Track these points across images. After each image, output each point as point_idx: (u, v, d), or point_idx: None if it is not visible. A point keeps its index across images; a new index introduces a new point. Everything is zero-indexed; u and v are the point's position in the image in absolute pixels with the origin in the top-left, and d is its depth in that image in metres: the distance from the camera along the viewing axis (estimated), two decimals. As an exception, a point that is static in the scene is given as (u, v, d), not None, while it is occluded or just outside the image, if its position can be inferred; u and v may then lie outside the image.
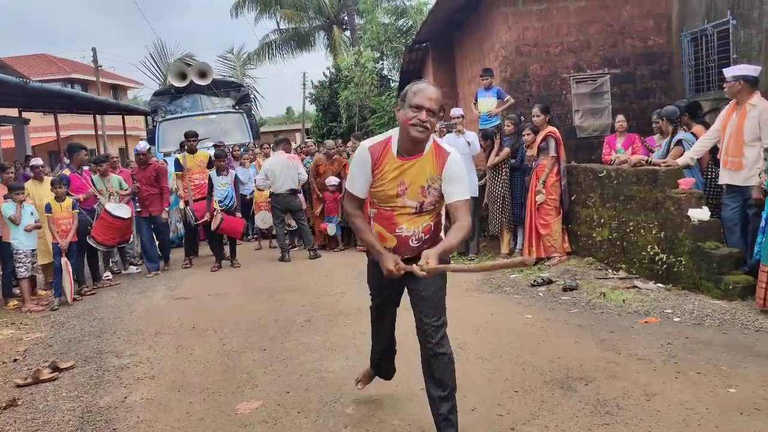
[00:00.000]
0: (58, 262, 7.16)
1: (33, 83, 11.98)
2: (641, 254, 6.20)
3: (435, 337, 3.13)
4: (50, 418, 3.95)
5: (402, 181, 3.03)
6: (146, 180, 8.69)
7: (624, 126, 7.71)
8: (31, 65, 27.33)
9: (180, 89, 14.59)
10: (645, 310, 5.24)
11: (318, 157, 10.23)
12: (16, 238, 7.04)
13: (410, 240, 3.14)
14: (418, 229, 3.12)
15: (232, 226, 8.74)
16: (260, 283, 7.59)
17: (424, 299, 3.15)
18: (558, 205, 7.27)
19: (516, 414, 3.48)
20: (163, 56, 29.28)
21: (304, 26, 28.46)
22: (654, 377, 3.81)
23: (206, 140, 11.95)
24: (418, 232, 3.13)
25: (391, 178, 3.04)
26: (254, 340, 5.23)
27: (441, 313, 3.19)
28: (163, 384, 4.39)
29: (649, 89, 9.54)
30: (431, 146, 3.04)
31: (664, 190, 5.83)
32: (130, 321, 6.24)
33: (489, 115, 8.82)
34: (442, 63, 13.64)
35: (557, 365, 4.14)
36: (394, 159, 3.03)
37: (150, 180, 8.68)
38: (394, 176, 3.03)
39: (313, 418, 3.63)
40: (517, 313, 5.50)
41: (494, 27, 9.66)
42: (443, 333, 3.16)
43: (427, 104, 2.91)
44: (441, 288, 3.20)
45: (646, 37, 9.45)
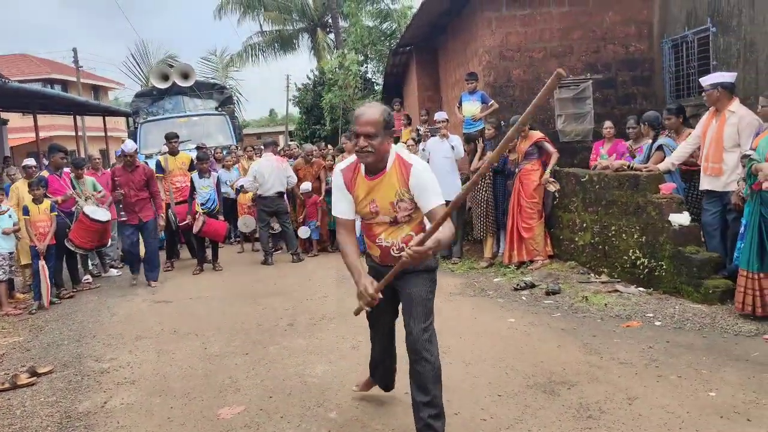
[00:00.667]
0: (36, 265, 7.06)
1: (12, 83, 11.81)
2: (623, 258, 6.25)
3: (420, 341, 3.12)
4: (28, 423, 3.88)
5: (373, 199, 3.14)
6: (135, 184, 7.85)
7: (611, 132, 7.76)
8: (11, 65, 26.93)
9: (162, 91, 14.46)
10: (626, 314, 5.28)
11: (297, 161, 10.15)
12: None
13: (391, 250, 3.22)
14: (397, 240, 3.20)
15: (214, 229, 8.67)
16: (243, 287, 7.54)
17: (412, 301, 3.18)
18: (540, 208, 7.32)
19: (499, 418, 3.48)
20: (145, 57, 29.08)
21: (287, 28, 28.36)
22: (636, 381, 3.84)
23: (188, 142, 11.87)
24: (398, 242, 3.20)
25: (363, 197, 3.17)
26: (237, 345, 5.19)
27: (427, 317, 3.20)
28: (143, 389, 4.34)
29: (630, 95, 9.64)
30: (394, 160, 3.12)
31: (646, 195, 5.89)
32: (110, 325, 6.17)
33: (473, 119, 8.85)
34: (425, 66, 13.69)
35: (540, 369, 4.16)
36: (364, 179, 3.16)
37: (139, 184, 7.87)
38: (365, 195, 3.16)
39: (296, 422, 3.61)
40: (500, 317, 5.52)
41: (478, 31, 9.71)
42: (429, 337, 3.15)
43: (362, 130, 3.01)
44: (429, 292, 3.23)
45: (627, 44, 9.55)
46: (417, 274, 3.21)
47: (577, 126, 9.54)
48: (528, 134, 7.35)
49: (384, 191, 3.11)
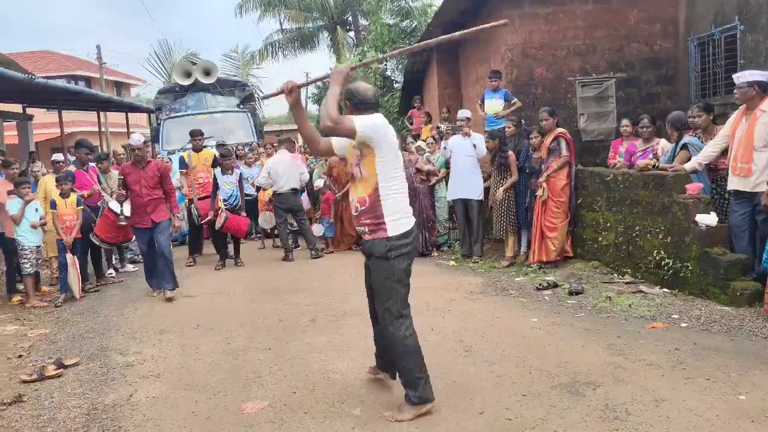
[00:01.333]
0: (63, 258, 7.15)
1: (38, 79, 11.95)
2: (647, 259, 6.18)
3: (383, 318, 3.63)
4: (56, 415, 3.94)
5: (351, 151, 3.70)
6: (146, 182, 6.98)
7: (629, 130, 7.69)
8: (36, 62, 27.28)
9: (185, 87, 14.56)
10: (651, 315, 5.23)
11: (331, 159, 9.82)
12: (21, 234, 7.03)
13: (353, 209, 3.67)
14: (355, 198, 3.62)
15: (237, 225, 8.73)
16: (264, 283, 7.58)
17: (373, 287, 3.70)
18: (566, 208, 7.25)
19: (524, 418, 3.46)
20: (168, 54, 29.29)
21: (307, 26, 28.42)
22: (663, 383, 3.80)
23: (210, 139, 11.94)
24: (354, 200, 3.62)
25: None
26: (259, 340, 5.22)
27: (387, 298, 3.59)
28: (168, 382, 4.38)
29: (654, 94, 9.54)
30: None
31: (672, 194, 5.82)
32: (134, 318, 6.23)
33: (496, 117, 8.82)
34: (446, 64, 13.63)
35: (564, 369, 4.13)
36: None
37: (151, 182, 7.00)
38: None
39: (320, 419, 3.62)
40: (522, 316, 5.49)
41: (500, 29, 9.63)
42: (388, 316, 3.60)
43: None
44: (385, 277, 3.56)
45: (652, 42, 9.45)
46: (375, 261, 3.59)
47: (599, 125, 9.47)
48: (551, 129, 7.28)
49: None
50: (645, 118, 7.11)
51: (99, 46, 28.69)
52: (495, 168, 7.88)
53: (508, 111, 8.75)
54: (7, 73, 10.51)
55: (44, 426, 3.78)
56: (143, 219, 7.02)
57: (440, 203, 9.09)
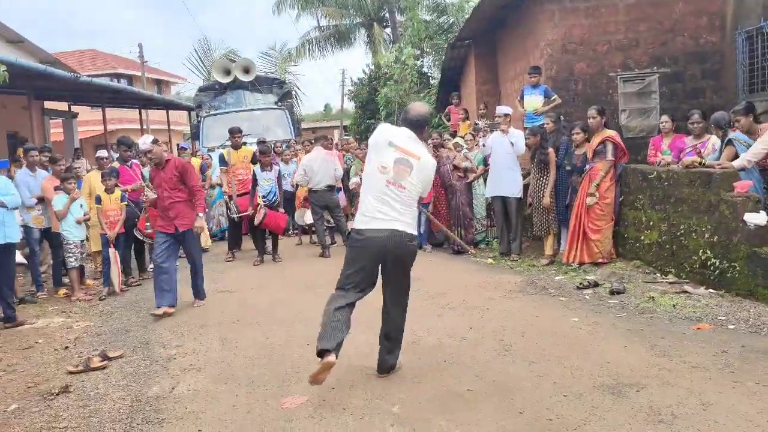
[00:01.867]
0: (107, 252, 7.32)
1: (83, 78, 12.27)
2: (692, 258, 6.03)
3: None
4: (101, 405, 4.03)
5: None
6: (166, 183, 6.37)
7: (668, 126, 7.47)
8: (80, 61, 28.00)
9: (224, 85, 14.76)
10: (697, 317, 5.10)
11: None
12: (66, 229, 7.22)
13: None
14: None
15: (275, 222, 8.80)
16: (302, 278, 7.63)
17: None
18: (611, 210, 7.11)
19: (565, 419, 3.41)
20: (208, 52, 29.71)
21: (344, 23, 28.51)
22: (710, 386, 3.70)
23: (248, 136, 12.08)
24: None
25: None
26: (297, 335, 5.25)
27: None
28: (209, 376, 4.44)
29: (699, 89, 9.30)
30: None
31: (719, 192, 5.65)
32: (175, 313, 6.32)
33: (535, 113, 8.71)
34: (484, 60, 13.53)
35: (606, 370, 4.05)
36: None
37: (171, 182, 6.35)
38: None
39: (359, 415, 3.63)
40: (562, 315, 5.41)
41: (539, 24, 9.53)
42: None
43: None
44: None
45: (697, 36, 9.21)
46: None
47: (641, 121, 9.28)
48: (599, 129, 7.15)
49: None
50: (695, 114, 6.85)
51: (141, 45, 29.38)
52: (535, 165, 7.77)
53: (548, 107, 8.63)
54: (54, 72, 10.83)
55: (90, 416, 3.87)
56: (166, 223, 6.44)
57: (477, 200, 9.02)
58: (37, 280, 7.57)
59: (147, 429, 3.64)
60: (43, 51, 17.14)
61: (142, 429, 3.64)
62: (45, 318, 6.45)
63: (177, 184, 6.37)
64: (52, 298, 7.37)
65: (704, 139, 6.74)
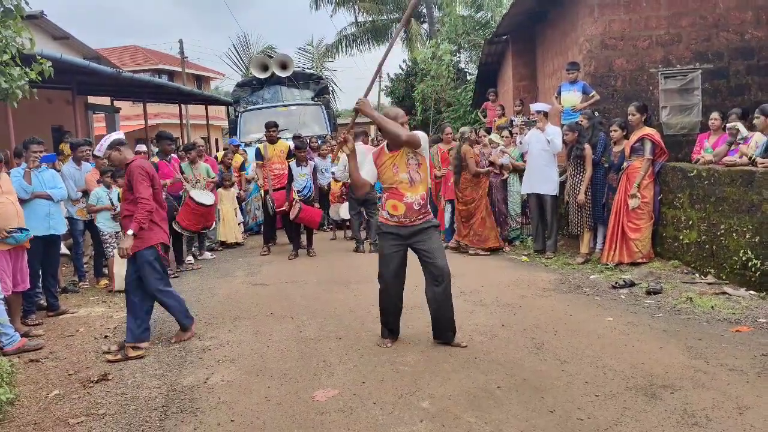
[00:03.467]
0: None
1: (125, 73, 12.54)
2: (732, 259, 5.89)
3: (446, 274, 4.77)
4: (138, 393, 4.13)
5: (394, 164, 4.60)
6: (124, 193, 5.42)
7: (717, 124, 7.29)
8: (122, 57, 28.60)
9: (261, 80, 14.93)
10: (736, 318, 4.98)
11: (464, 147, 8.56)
12: (100, 221, 7.41)
13: (414, 205, 4.57)
14: (417, 196, 4.57)
15: (310, 216, 8.88)
16: (335, 273, 7.69)
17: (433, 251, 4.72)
18: (651, 209, 6.98)
19: (597, 419, 3.37)
20: (246, 48, 30.05)
21: (381, 19, 28.51)
22: (747, 390, 3.61)
23: (285, 131, 12.19)
24: (417, 198, 4.58)
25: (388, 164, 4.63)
26: (330, 329, 5.30)
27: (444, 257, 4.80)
28: (242, 367, 4.51)
29: (744, 85, 9.05)
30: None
31: (761, 192, 5.51)
32: (211, 305, 6.45)
33: (573, 110, 8.59)
34: (522, 56, 13.40)
35: (640, 371, 3.99)
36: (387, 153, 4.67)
37: (124, 192, 5.31)
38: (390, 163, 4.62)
39: (389, 410, 3.65)
40: (596, 315, 5.34)
41: (579, 19, 9.39)
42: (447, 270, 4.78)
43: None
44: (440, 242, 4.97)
45: (743, 31, 8.96)
46: (432, 232, 4.71)
47: (683, 118, 9.08)
48: (638, 126, 7.02)
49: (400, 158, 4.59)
50: (733, 113, 6.72)
51: (181, 41, 29.80)
52: (571, 161, 7.68)
53: (587, 104, 8.51)
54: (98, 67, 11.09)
55: (127, 404, 3.98)
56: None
57: (512, 198, 8.94)
58: (79, 271, 7.79)
59: (181, 417, 3.72)
60: (86, 47, 17.58)
61: (176, 417, 3.73)
62: (86, 307, 6.64)
63: (127, 193, 5.18)
64: (93, 288, 7.57)
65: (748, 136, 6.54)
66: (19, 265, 5.58)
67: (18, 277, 5.55)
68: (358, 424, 3.49)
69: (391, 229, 4.66)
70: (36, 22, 14.00)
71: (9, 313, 5.36)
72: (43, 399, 4.13)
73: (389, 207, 4.63)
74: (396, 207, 4.59)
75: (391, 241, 4.67)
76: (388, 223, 4.68)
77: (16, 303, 5.65)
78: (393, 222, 4.65)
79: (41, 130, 12.69)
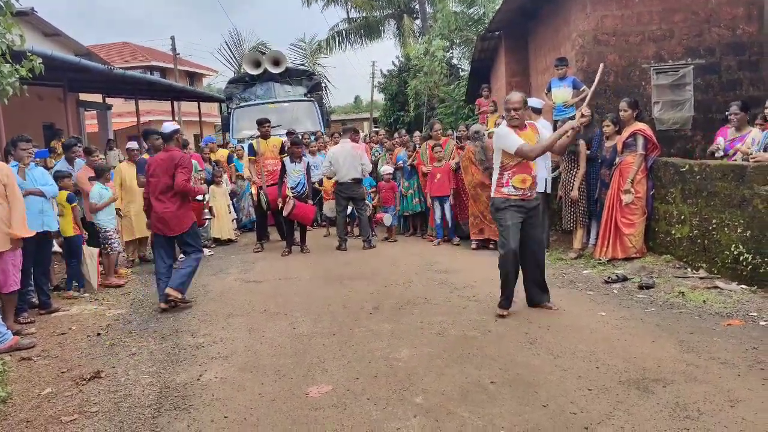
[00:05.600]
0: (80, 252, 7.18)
1: (116, 70, 12.48)
2: (724, 253, 5.91)
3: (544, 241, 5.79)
4: (131, 391, 4.12)
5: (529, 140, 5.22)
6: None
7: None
8: (114, 53, 28.47)
9: (254, 77, 14.88)
10: (728, 312, 5.00)
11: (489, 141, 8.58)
12: (101, 218, 7.38)
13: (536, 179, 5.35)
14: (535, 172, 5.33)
15: (304, 213, 8.86)
16: (329, 270, 7.69)
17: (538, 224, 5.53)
18: (644, 204, 7.00)
19: (590, 413, 3.39)
20: (238, 45, 29.95)
21: (374, 15, 28.49)
22: (738, 383, 3.63)
23: (278, 128, 12.17)
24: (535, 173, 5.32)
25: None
26: (324, 326, 5.30)
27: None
28: (236, 364, 4.51)
29: (735, 81, 9.09)
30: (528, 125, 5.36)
31: (752, 187, 5.53)
32: (204, 302, 6.44)
33: (565, 105, 8.60)
34: (514, 52, 13.40)
35: (633, 365, 4.01)
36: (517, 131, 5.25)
37: None
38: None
39: (382, 405, 3.65)
40: (589, 309, 5.36)
41: (571, 15, 9.40)
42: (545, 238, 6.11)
43: (512, 106, 5.24)
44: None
45: (734, 26, 8.99)
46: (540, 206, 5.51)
47: (675, 114, 9.11)
48: (630, 122, 7.03)
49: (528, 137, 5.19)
50: (734, 105, 6.61)
51: (173, 37, 29.73)
52: (565, 156, 7.68)
53: (577, 99, 8.52)
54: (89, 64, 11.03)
55: (120, 401, 3.96)
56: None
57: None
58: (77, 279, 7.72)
59: (175, 414, 3.71)
60: (77, 43, 17.47)
61: (170, 414, 3.72)
62: (78, 305, 6.61)
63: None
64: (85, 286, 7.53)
65: (745, 131, 6.51)
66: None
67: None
68: (352, 419, 3.49)
69: (516, 203, 5.20)
70: (26, 18, 13.91)
71: (3, 312, 5.33)
72: (36, 397, 4.11)
73: (517, 181, 5.17)
74: (525, 180, 5.17)
75: (516, 213, 5.20)
76: (512, 198, 5.20)
77: (10, 303, 5.60)
78: (518, 195, 5.20)
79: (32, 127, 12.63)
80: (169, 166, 6.21)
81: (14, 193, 5.30)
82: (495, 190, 5.36)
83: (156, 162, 6.36)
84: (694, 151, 8.89)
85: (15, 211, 5.25)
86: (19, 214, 5.29)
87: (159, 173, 6.27)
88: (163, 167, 6.25)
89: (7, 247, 5.26)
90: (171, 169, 6.20)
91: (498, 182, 5.33)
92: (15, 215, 5.24)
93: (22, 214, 5.32)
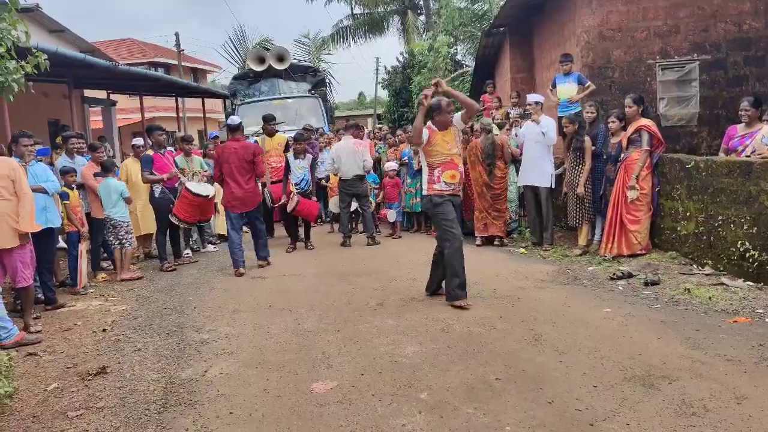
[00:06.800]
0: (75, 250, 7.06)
1: (121, 66, 12.48)
2: (730, 250, 5.90)
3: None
4: (137, 387, 4.13)
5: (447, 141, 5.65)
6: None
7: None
8: (118, 49, 28.49)
9: (258, 73, 14.86)
10: (733, 309, 4.99)
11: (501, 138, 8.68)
12: (116, 211, 7.40)
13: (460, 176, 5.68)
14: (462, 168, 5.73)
15: (308, 209, 8.87)
16: (333, 266, 7.69)
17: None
18: (649, 200, 6.97)
19: (595, 409, 3.38)
20: (243, 41, 29.91)
21: (378, 11, 28.43)
22: (744, 380, 3.62)
23: (282, 124, 12.16)
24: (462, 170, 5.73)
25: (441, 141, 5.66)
26: (328, 322, 5.30)
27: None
28: (241, 360, 4.52)
29: (741, 76, 9.05)
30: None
31: (759, 183, 5.51)
32: (209, 298, 6.45)
33: (570, 101, 8.57)
34: (519, 48, 13.36)
35: (638, 362, 4.00)
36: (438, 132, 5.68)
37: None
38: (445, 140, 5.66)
39: (387, 401, 3.65)
40: (594, 306, 5.35)
41: (576, 11, 9.36)
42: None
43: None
44: None
45: (741, 21, 8.95)
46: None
47: (680, 110, 9.08)
48: (635, 118, 7.00)
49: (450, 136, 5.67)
50: (745, 101, 6.42)
51: (178, 34, 29.74)
52: (571, 152, 7.66)
53: (583, 95, 8.50)
54: (94, 60, 11.03)
55: (126, 397, 3.97)
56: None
57: (510, 188, 8.92)
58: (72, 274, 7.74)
59: (180, 410, 3.72)
60: (82, 40, 17.46)
61: (175, 410, 3.72)
62: (83, 301, 6.63)
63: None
64: (91, 281, 7.55)
65: (755, 128, 6.31)
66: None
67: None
68: (357, 416, 3.49)
69: (448, 198, 5.58)
70: (31, 15, 13.89)
71: (22, 307, 5.46)
72: (42, 392, 4.13)
73: (447, 177, 5.53)
74: (454, 176, 5.56)
75: (451, 207, 5.58)
76: (444, 193, 5.56)
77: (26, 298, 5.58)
78: (449, 191, 5.58)
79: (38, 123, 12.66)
80: (246, 153, 7.44)
81: (23, 188, 5.32)
82: (427, 188, 5.68)
83: (229, 150, 7.45)
84: (700, 148, 8.86)
85: (23, 207, 5.27)
86: (27, 209, 5.30)
87: (233, 159, 7.39)
88: (239, 154, 7.41)
89: (16, 243, 5.28)
90: (248, 155, 7.44)
91: (429, 180, 5.66)
92: (22, 211, 5.26)
93: (30, 209, 5.34)
